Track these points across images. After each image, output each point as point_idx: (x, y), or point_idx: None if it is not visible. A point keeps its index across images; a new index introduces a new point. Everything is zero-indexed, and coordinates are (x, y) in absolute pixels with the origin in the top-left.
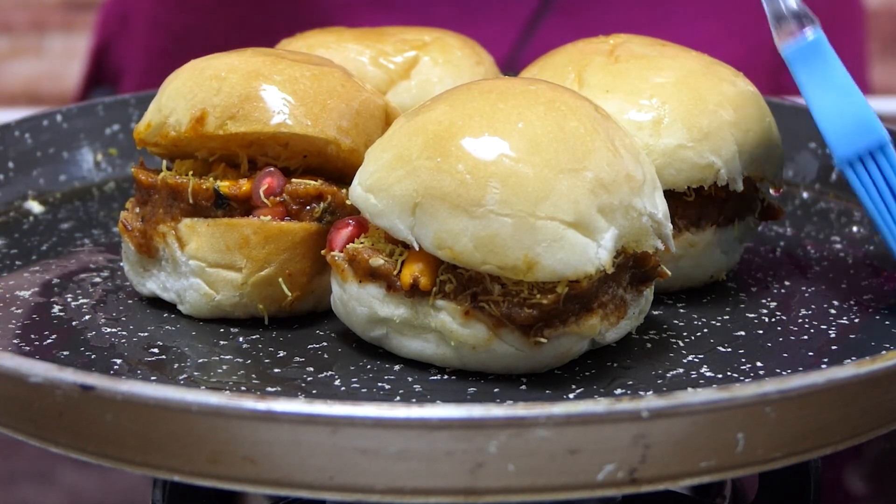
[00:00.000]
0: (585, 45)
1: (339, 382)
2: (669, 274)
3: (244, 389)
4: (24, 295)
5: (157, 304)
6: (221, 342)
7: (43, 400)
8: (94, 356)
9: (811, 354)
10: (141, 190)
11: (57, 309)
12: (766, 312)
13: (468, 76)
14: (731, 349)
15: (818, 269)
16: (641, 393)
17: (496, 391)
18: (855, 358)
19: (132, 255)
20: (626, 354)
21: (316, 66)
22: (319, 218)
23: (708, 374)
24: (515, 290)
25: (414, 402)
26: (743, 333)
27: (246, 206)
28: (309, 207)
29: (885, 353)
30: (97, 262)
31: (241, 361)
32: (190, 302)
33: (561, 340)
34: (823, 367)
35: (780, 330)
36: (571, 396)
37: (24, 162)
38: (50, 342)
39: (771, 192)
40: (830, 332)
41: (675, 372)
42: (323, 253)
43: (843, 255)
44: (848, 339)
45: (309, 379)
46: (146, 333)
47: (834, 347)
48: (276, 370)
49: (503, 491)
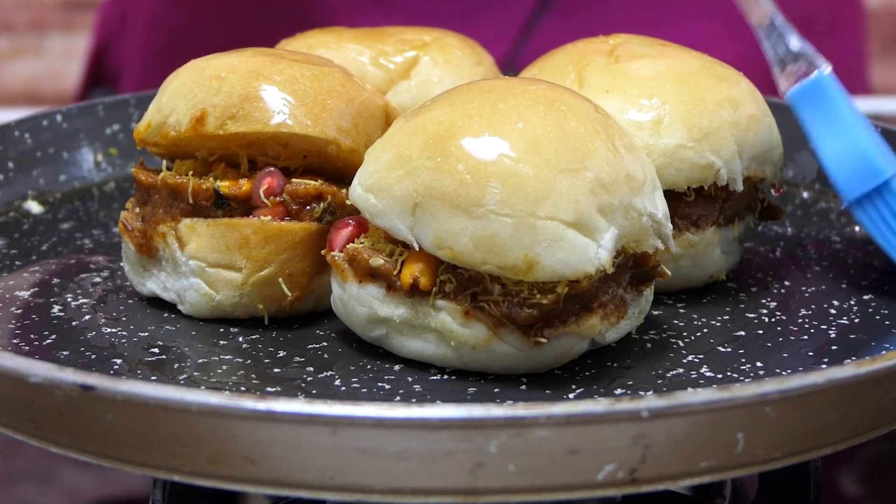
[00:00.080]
0: (585, 45)
1: (339, 382)
2: (669, 274)
3: (244, 389)
4: (23, 295)
5: (157, 304)
6: (221, 342)
7: (43, 400)
8: (93, 356)
9: (811, 354)
10: (141, 190)
11: (57, 309)
12: (766, 312)
13: (468, 76)
14: (731, 349)
15: (818, 269)
16: (641, 393)
17: (496, 391)
18: (855, 358)
19: (132, 255)
20: (626, 354)
21: (316, 66)
22: (319, 218)
23: (708, 374)
24: (515, 290)
25: (414, 402)
26: (743, 333)
27: (246, 206)
28: (309, 207)
29: (885, 353)
30: (97, 262)
31: (241, 361)
32: (190, 302)
33: (561, 340)
34: (823, 367)
35: (780, 330)
36: (571, 396)
37: (24, 162)
38: (50, 342)
39: (771, 192)
40: (830, 332)
41: (675, 372)
42: (323, 253)
43: (843, 255)
44: (848, 339)
45: (309, 379)
46: (146, 333)
47: (834, 347)
48: (276, 370)
49: (503, 491)
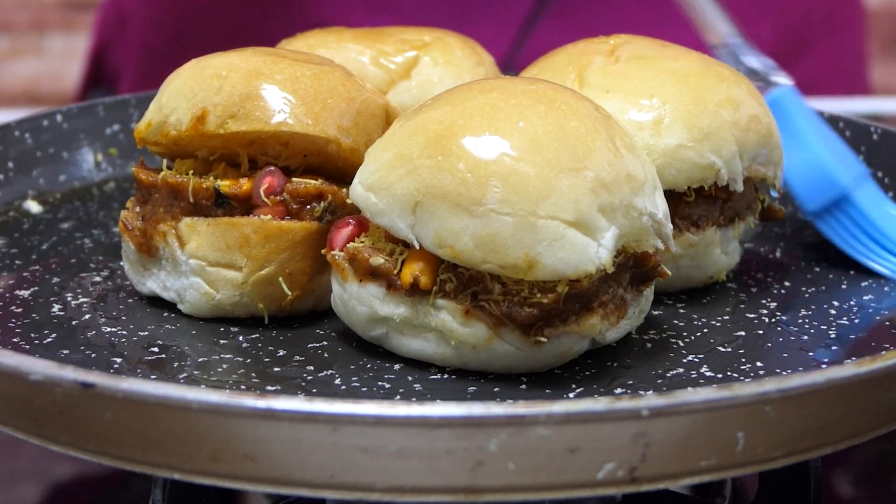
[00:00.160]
0: (586, 45)
1: (339, 381)
2: (669, 274)
3: (244, 388)
4: (23, 294)
5: (157, 303)
6: (221, 341)
7: (43, 398)
8: (94, 355)
9: (811, 354)
10: (141, 189)
11: (57, 308)
12: (766, 312)
13: (468, 76)
14: (731, 349)
15: (818, 269)
16: (641, 392)
17: (496, 390)
18: (855, 358)
19: (132, 254)
20: (626, 354)
21: (317, 65)
22: (320, 217)
23: (708, 373)
24: (516, 289)
25: (414, 400)
26: (743, 333)
27: (246, 205)
28: (309, 207)
29: (885, 353)
30: (97, 261)
31: (241, 360)
32: (190, 301)
33: (561, 340)
34: (823, 367)
35: (780, 330)
36: (571, 396)
37: (23, 162)
38: (50, 341)
39: (771, 192)
40: (830, 332)
41: (675, 372)
42: (323, 252)
43: (843, 255)
44: (848, 339)
45: (309, 378)
46: (146, 332)
47: (834, 347)
48: (276, 369)
49: (503, 489)
